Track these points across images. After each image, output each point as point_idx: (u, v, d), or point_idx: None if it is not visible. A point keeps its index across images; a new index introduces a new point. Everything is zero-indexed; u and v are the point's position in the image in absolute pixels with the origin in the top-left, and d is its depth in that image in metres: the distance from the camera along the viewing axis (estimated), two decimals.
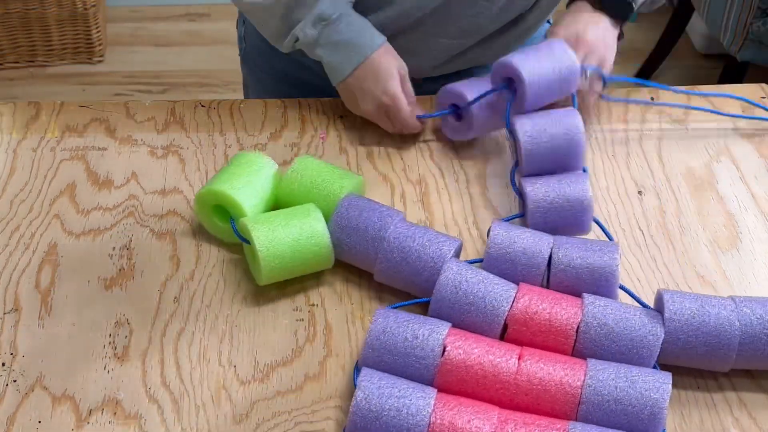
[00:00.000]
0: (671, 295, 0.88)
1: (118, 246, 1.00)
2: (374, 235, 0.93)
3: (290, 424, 0.85)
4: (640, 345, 0.85)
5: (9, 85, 2.70)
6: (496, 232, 0.93)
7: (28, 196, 1.05)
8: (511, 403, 0.81)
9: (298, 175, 1.00)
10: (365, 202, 0.96)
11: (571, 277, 0.91)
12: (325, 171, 1.00)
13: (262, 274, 0.92)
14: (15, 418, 0.84)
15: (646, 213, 1.07)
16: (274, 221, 0.93)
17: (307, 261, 0.93)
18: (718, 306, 0.87)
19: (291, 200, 0.99)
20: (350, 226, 0.94)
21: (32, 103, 1.18)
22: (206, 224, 1.00)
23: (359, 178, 1.02)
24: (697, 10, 2.43)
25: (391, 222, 0.94)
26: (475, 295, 0.87)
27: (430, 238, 0.93)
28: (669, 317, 0.86)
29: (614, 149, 1.14)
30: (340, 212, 0.95)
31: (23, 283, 0.96)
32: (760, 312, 0.86)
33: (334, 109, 1.18)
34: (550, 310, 0.86)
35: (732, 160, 1.14)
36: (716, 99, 1.21)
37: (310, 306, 0.95)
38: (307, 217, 0.94)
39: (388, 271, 0.93)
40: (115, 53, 2.83)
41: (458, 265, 0.90)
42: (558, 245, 0.92)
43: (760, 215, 1.07)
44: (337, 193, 0.98)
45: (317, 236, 0.93)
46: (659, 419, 0.79)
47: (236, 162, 1.00)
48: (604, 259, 0.90)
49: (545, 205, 0.98)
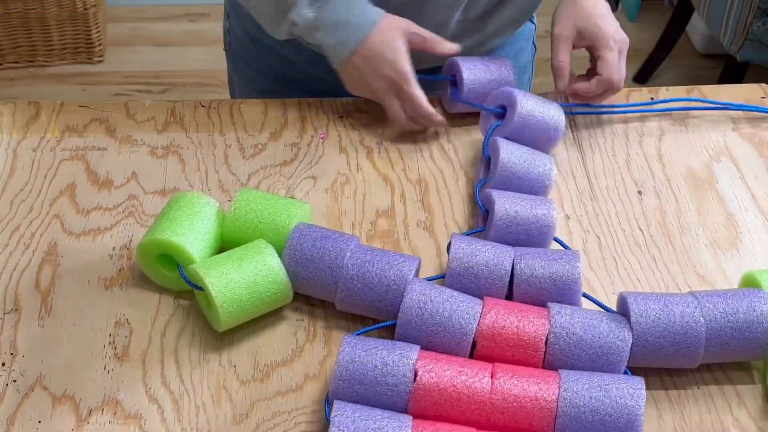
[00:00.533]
0: (634, 297, 0.88)
1: (118, 246, 1.00)
2: (331, 263, 0.90)
3: (290, 424, 0.85)
4: (609, 351, 0.84)
5: (9, 85, 2.70)
6: (457, 247, 0.92)
7: (28, 196, 1.05)
8: (487, 423, 0.80)
9: (242, 211, 0.95)
10: (317, 231, 0.93)
11: (534, 288, 0.90)
12: (269, 203, 0.95)
13: (220, 322, 0.88)
14: (15, 418, 0.84)
15: (646, 213, 1.07)
16: (227, 264, 0.89)
17: (266, 300, 0.90)
18: (681, 304, 0.86)
19: (238, 238, 0.94)
20: (305, 257, 0.91)
21: (32, 103, 1.18)
22: (152, 275, 0.95)
23: (306, 206, 0.98)
24: (697, 10, 2.43)
25: (347, 248, 0.91)
26: (441, 315, 0.85)
27: (389, 261, 0.90)
28: (635, 320, 0.86)
29: (614, 149, 1.15)
30: (293, 244, 0.92)
31: (23, 283, 0.96)
32: (723, 306, 0.86)
33: (334, 109, 1.18)
34: (517, 324, 0.85)
35: (732, 160, 1.14)
36: (716, 99, 1.21)
37: (310, 306, 0.95)
38: (260, 254, 0.90)
39: (350, 299, 0.90)
40: (115, 53, 2.83)
41: (421, 285, 0.88)
42: (519, 256, 0.91)
43: (760, 215, 1.07)
44: (286, 225, 0.94)
45: (273, 274, 0.89)
46: (636, 426, 0.79)
47: (175, 206, 0.95)
48: (566, 268, 0.90)
49: (508, 221, 0.96)
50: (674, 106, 1.20)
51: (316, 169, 1.10)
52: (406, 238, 1.02)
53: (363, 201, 1.07)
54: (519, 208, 0.96)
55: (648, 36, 2.90)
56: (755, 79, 1.60)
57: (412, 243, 1.02)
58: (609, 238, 1.03)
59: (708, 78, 2.72)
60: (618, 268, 1.00)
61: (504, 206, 0.96)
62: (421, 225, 1.04)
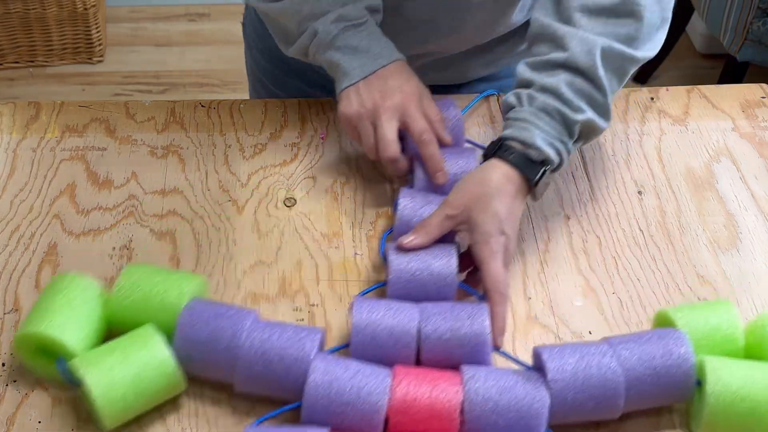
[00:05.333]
0: (550, 352, 0.84)
1: (118, 246, 1.00)
2: (227, 344, 0.83)
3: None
4: (528, 414, 0.80)
5: (9, 85, 2.70)
6: (360, 315, 0.85)
7: (28, 196, 1.05)
8: None
9: (128, 291, 0.87)
10: (211, 308, 0.86)
11: (443, 351, 0.85)
12: (158, 279, 0.87)
13: (104, 424, 0.81)
14: (15, 418, 0.84)
15: (646, 213, 1.07)
16: (110, 358, 0.81)
17: (155, 395, 0.83)
18: (597, 354, 0.83)
19: (125, 320, 0.86)
20: (198, 340, 0.84)
21: (32, 103, 1.18)
22: (33, 369, 0.86)
23: (200, 278, 0.90)
24: (697, 10, 2.43)
25: (244, 326, 0.84)
26: (350, 393, 0.80)
27: (289, 336, 0.84)
28: (552, 378, 0.81)
29: (614, 149, 1.15)
30: (184, 325, 0.84)
31: (23, 283, 0.96)
32: (638, 351, 0.83)
33: (334, 109, 1.18)
34: (430, 394, 0.80)
35: (732, 160, 1.14)
36: (716, 99, 1.21)
37: (310, 306, 0.95)
38: (146, 345, 0.82)
39: (249, 381, 0.84)
40: (115, 53, 2.83)
41: (325, 362, 0.82)
42: (425, 318, 0.86)
43: (760, 215, 1.07)
44: (177, 303, 0.86)
45: (162, 366, 0.82)
46: None
47: (52, 291, 0.86)
48: (474, 328, 0.85)
49: (407, 276, 0.90)
50: None
51: (316, 169, 1.10)
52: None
53: (363, 201, 1.06)
54: (415, 265, 0.90)
55: None
56: (755, 79, 1.60)
57: None
58: (609, 238, 1.03)
59: (708, 78, 2.72)
60: (618, 268, 1.00)
61: (400, 265, 0.91)
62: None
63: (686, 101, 1.21)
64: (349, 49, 1.03)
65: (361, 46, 1.03)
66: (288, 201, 1.06)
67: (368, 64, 1.02)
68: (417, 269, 0.90)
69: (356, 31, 1.04)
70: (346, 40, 1.03)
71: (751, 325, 0.88)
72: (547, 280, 0.99)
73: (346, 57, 1.03)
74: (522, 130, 0.94)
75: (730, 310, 0.88)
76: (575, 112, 0.94)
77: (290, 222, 1.04)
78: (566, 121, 0.94)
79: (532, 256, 1.01)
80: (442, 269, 0.90)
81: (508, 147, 0.94)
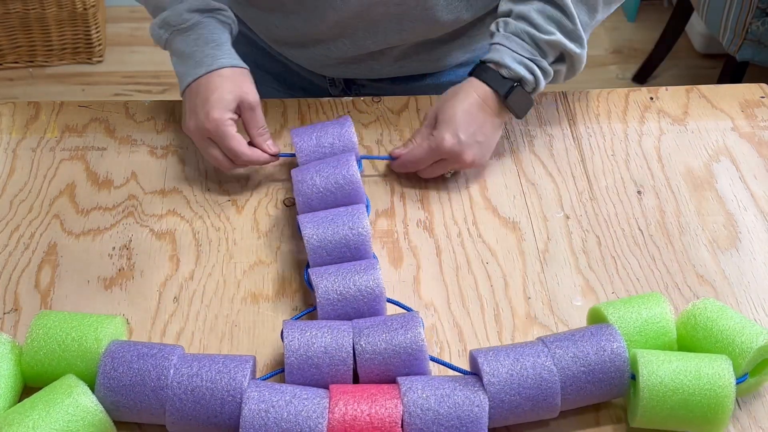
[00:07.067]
0: (485, 355, 0.83)
1: (118, 246, 1.00)
2: (154, 385, 0.80)
3: None
4: (468, 420, 0.79)
5: (9, 85, 2.70)
6: (291, 338, 0.83)
7: (28, 196, 1.05)
8: None
9: (41, 342, 0.82)
10: (133, 349, 0.82)
11: (379, 364, 0.84)
12: (72, 325, 0.83)
13: None
14: None
15: (646, 212, 1.07)
16: (32, 414, 0.76)
17: None
18: (532, 355, 0.83)
19: (42, 373, 0.82)
20: (123, 384, 0.80)
21: (32, 103, 1.18)
22: None
23: (118, 319, 0.86)
24: (696, 10, 2.43)
25: (170, 363, 0.81)
26: (287, 421, 0.77)
27: (218, 369, 0.81)
28: (488, 381, 0.81)
29: (614, 149, 1.15)
30: (106, 371, 0.81)
31: (23, 283, 0.96)
32: (572, 349, 0.83)
33: (334, 109, 1.18)
34: (369, 411, 0.79)
35: (732, 160, 1.14)
36: (715, 99, 1.21)
37: (310, 306, 0.95)
38: (69, 396, 0.78)
39: (182, 420, 0.80)
40: (115, 53, 2.83)
41: (259, 390, 0.79)
42: (358, 333, 0.85)
43: (759, 215, 1.07)
44: (95, 348, 0.82)
45: (89, 415, 0.78)
46: None
47: None
48: (408, 337, 0.84)
49: (335, 296, 0.89)
50: None
51: None
52: (405, 238, 1.02)
53: None
54: (341, 283, 0.89)
55: (647, 36, 2.90)
56: (755, 78, 1.60)
57: (411, 243, 1.02)
58: (609, 237, 1.03)
59: (707, 78, 2.72)
60: (618, 268, 1.00)
61: (326, 286, 0.90)
62: (421, 225, 1.04)
63: (686, 101, 1.21)
64: (177, 55, 1.06)
65: (186, 52, 1.05)
66: (288, 201, 1.06)
67: (189, 73, 1.03)
68: (343, 287, 0.89)
69: (183, 36, 1.05)
70: (175, 44, 1.06)
71: (683, 317, 0.89)
72: (547, 280, 0.99)
73: (177, 61, 1.06)
74: (495, 52, 1.05)
75: (661, 303, 0.88)
76: (544, 34, 1.03)
77: (290, 222, 1.04)
78: (536, 41, 1.03)
79: (531, 255, 1.01)
80: (368, 282, 0.90)
81: (484, 68, 1.05)
